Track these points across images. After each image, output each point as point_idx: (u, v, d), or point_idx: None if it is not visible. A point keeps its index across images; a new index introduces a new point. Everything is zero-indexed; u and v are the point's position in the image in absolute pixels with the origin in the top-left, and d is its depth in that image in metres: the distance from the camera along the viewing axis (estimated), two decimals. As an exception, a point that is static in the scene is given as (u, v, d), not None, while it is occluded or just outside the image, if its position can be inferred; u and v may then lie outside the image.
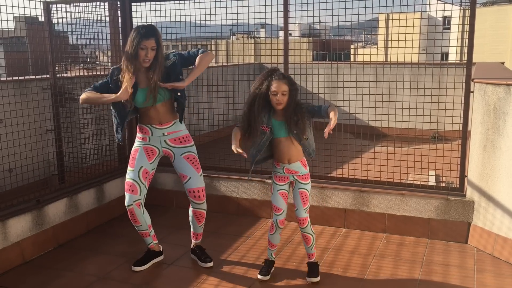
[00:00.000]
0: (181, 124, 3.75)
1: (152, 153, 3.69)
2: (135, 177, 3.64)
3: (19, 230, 3.97)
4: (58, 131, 4.70)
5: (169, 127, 3.67)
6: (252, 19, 5.08)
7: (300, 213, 3.52)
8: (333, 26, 5.59)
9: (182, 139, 3.72)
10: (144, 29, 3.42)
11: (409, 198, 4.44)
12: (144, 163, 3.66)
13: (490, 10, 30.35)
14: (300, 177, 3.51)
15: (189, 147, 3.74)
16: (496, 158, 3.97)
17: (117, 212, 5.08)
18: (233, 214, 5.08)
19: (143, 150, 3.68)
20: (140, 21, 5.36)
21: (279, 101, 3.31)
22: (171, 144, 3.69)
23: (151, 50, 3.43)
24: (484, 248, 4.11)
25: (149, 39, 3.40)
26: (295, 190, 3.53)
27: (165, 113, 3.64)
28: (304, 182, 3.52)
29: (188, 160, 3.70)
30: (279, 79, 3.32)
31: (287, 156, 3.44)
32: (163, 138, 3.67)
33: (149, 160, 3.68)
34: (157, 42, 3.45)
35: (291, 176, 3.51)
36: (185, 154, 3.70)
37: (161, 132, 3.65)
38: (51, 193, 4.44)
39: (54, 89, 4.66)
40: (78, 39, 5.25)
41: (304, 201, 3.51)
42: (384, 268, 3.83)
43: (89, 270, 3.86)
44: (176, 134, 3.70)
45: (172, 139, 3.69)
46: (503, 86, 3.87)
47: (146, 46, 3.41)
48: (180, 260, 4.02)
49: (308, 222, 3.54)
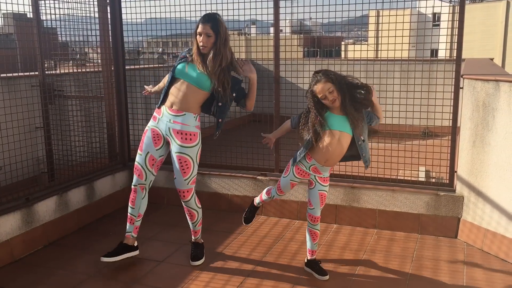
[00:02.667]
0: (193, 119, 3.61)
1: (158, 138, 3.66)
2: (142, 162, 3.71)
3: (8, 228, 3.94)
4: (47, 129, 4.66)
5: (177, 116, 3.58)
6: (243, 16, 5.07)
7: (316, 212, 3.58)
8: (324, 22, 5.59)
9: (186, 136, 3.59)
10: (204, 16, 3.51)
11: (399, 193, 4.46)
12: (150, 149, 3.67)
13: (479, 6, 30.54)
14: (321, 179, 3.53)
15: (187, 147, 3.59)
16: (485, 153, 4.00)
17: (108, 210, 5.06)
18: (225, 210, 5.08)
19: (151, 133, 3.68)
20: (129, 17, 5.33)
21: (332, 101, 3.27)
22: (173, 135, 3.60)
23: (206, 36, 3.46)
24: (473, 242, 4.15)
25: (204, 24, 3.46)
26: (315, 190, 3.53)
27: (185, 98, 3.55)
28: (324, 184, 3.54)
29: (179, 162, 3.62)
30: (318, 81, 3.29)
31: (327, 156, 3.38)
32: (168, 125, 3.61)
33: (156, 146, 3.67)
34: (214, 29, 3.46)
35: (313, 175, 3.51)
36: (178, 154, 3.60)
37: (169, 118, 3.60)
38: (40, 191, 4.41)
39: (43, 86, 4.61)
40: (67, 36, 5.20)
41: (322, 202, 3.58)
42: (375, 264, 3.85)
43: (80, 268, 3.84)
44: (182, 127, 3.58)
45: (175, 131, 3.59)
46: (492, 82, 3.90)
47: (201, 32, 3.46)
48: (172, 257, 4.02)
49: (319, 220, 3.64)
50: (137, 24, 5.37)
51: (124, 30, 5.37)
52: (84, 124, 5.31)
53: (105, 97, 5.27)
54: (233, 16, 5.03)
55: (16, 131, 4.26)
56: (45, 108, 4.63)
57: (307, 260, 3.71)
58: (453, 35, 4.35)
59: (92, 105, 5.38)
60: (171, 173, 5.20)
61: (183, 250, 4.12)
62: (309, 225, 3.64)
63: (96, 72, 5.41)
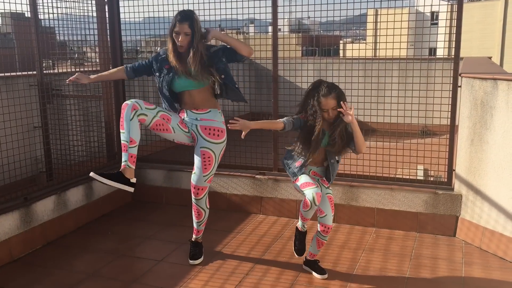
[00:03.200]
0: (219, 115, 3.65)
1: (184, 126, 3.61)
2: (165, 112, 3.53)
3: (6, 228, 3.93)
4: (45, 128, 4.66)
5: (204, 114, 3.60)
6: (241, 15, 5.06)
7: (329, 220, 3.36)
8: (322, 21, 5.59)
9: (214, 131, 3.59)
10: (179, 14, 3.44)
11: (398, 192, 4.47)
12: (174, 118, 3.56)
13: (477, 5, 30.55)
14: (324, 181, 3.48)
15: (214, 143, 3.60)
16: (484, 152, 4.01)
17: (106, 209, 5.06)
18: (223, 210, 5.08)
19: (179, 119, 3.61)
20: (127, 17, 5.32)
21: (330, 117, 3.28)
22: (201, 132, 3.59)
23: (185, 35, 3.41)
24: (472, 241, 4.16)
25: (182, 23, 3.39)
26: (322, 195, 3.39)
27: (201, 100, 3.58)
28: (327, 186, 3.47)
29: (202, 156, 3.59)
30: (326, 95, 3.24)
31: (316, 159, 3.42)
32: (196, 123, 3.60)
33: (182, 126, 3.58)
34: (192, 27, 3.40)
35: (317, 178, 3.47)
36: (203, 149, 3.59)
37: (195, 116, 3.60)
38: (39, 190, 4.41)
39: (41, 85, 4.61)
40: (65, 35, 5.20)
41: (332, 207, 3.40)
42: (374, 262, 3.85)
43: (79, 268, 3.84)
44: (210, 123, 3.59)
45: (203, 127, 3.59)
46: (490, 81, 3.90)
47: (179, 31, 3.40)
48: (170, 256, 4.02)
49: None
50: (135, 23, 5.37)
51: (122, 29, 5.36)
52: (82, 124, 5.31)
53: (104, 97, 5.27)
54: (231, 15, 5.03)
55: (14, 131, 4.25)
56: (43, 108, 4.63)
57: (306, 260, 3.70)
58: (451, 34, 4.35)
59: (90, 105, 5.38)
60: (170, 173, 5.24)
61: (182, 249, 4.12)
62: (320, 236, 3.44)
63: (95, 71, 5.40)
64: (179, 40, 3.42)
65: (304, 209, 3.37)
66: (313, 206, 3.24)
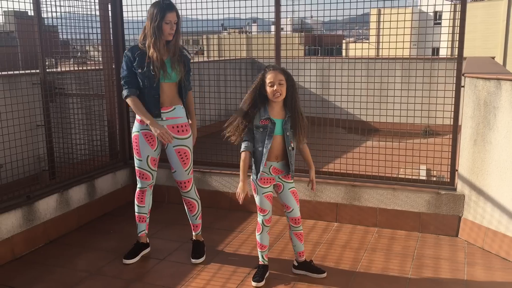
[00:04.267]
0: (181, 111, 3.72)
1: (152, 139, 3.70)
2: (145, 166, 3.74)
3: (9, 226, 3.94)
4: (48, 127, 4.66)
5: (168, 112, 3.65)
6: (244, 14, 5.06)
7: (296, 213, 3.45)
8: (325, 21, 5.58)
9: (180, 128, 3.69)
10: (165, 2, 3.45)
11: (400, 192, 4.46)
12: (149, 152, 3.72)
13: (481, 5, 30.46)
14: (285, 177, 3.41)
15: (184, 139, 3.72)
16: (487, 152, 4.00)
17: (108, 208, 5.06)
18: (225, 209, 5.08)
19: (143, 137, 3.68)
20: (131, 15, 5.32)
21: (277, 91, 3.18)
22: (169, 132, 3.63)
23: (174, 23, 3.47)
24: (474, 241, 4.15)
25: (172, 12, 3.44)
26: (285, 191, 3.41)
27: (170, 95, 3.63)
28: (290, 181, 3.42)
29: (178, 154, 3.72)
30: (274, 69, 3.25)
31: (277, 152, 3.32)
32: (162, 123, 3.64)
33: (152, 147, 3.72)
34: (177, 15, 3.50)
35: (277, 177, 3.40)
36: (177, 147, 3.70)
37: (162, 116, 3.64)
38: (41, 188, 4.42)
39: (44, 84, 4.61)
40: (68, 34, 5.20)
41: (297, 199, 3.46)
42: (376, 262, 3.85)
43: (81, 266, 3.85)
44: (175, 121, 3.67)
45: (170, 126, 3.66)
46: (494, 81, 3.89)
47: (170, 20, 3.44)
48: (172, 255, 4.02)
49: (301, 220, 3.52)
50: (138, 22, 5.36)
51: (125, 28, 5.36)
52: (85, 122, 5.31)
53: (106, 95, 5.27)
54: (234, 14, 5.03)
55: (17, 129, 4.26)
56: (46, 106, 4.64)
57: (298, 263, 3.62)
58: (455, 34, 4.34)
59: (93, 103, 5.38)
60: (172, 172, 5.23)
61: (184, 248, 4.13)
62: (293, 229, 3.49)
63: (97, 70, 5.40)
64: (171, 28, 3.47)
65: (257, 233, 3.54)
66: (264, 228, 3.49)
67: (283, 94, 3.23)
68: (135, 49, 3.59)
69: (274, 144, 3.30)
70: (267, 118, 3.26)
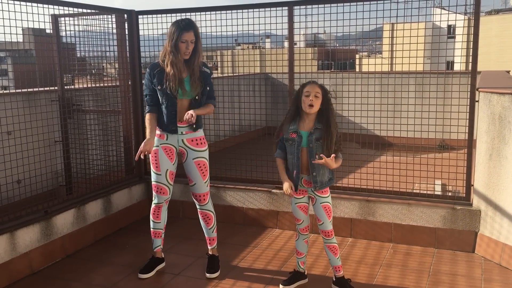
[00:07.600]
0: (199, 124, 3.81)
1: (171, 152, 3.77)
2: (163, 180, 3.80)
3: (27, 241, 4.00)
4: (66, 142, 4.75)
5: (186, 126, 3.72)
6: (258, 30, 5.12)
7: (326, 226, 3.44)
8: (338, 36, 5.62)
9: (199, 141, 3.79)
10: (183, 23, 3.56)
11: (415, 207, 4.43)
12: (168, 166, 3.78)
13: (495, 18, 30.32)
14: (318, 191, 3.39)
15: (202, 151, 3.80)
16: (502, 167, 3.97)
17: (124, 223, 5.11)
18: (240, 224, 5.09)
19: (163, 151, 3.75)
20: (146, 33, 5.42)
21: (312, 103, 3.26)
22: (188, 144, 3.75)
23: (190, 43, 3.56)
24: (491, 257, 4.10)
25: (189, 32, 3.54)
26: (317, 204, 3.41)
27: (188, 110, 3.64)
28: (324, 195, 3.41)
29: (198, 166, 3.78)
30: (313, 83, 3.35)
31: (306, 165, 3.35)
32: (181, 137, 3.74)
33: (171, 161, 3.79)
34: (196, 35, 3.59)
35: (309, 189, 3.40)
36: (197, 159, 3.77)
37: (179, 131, 3.72)
38: (59, 203, 4.48)
39: (62, 100, 4.71)
40: (86, 51, 5.31)
41: (329, 215, 3.43)
42: (391, 278, 3.82)
43: (97, 281, 3.88)
44: (193, 135, 3.77)
45: (189, 139, 3.76)
46: (508, 95, 3.88)
47: (187, 40, 3.54)
48: (187, 270, 4.03)
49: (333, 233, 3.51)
50: (154, 40, 5.46)
51: (141, 45, 5.46)
52: (101, 138, 5.39)
53: (122, 111, 5.35)
54: (248, 31, 5.09)
55: (36, 145, 4.34)
56: (64, 123, 4.72)
57: (336, 278, 3.59)
58: (468, 48, 4.34)
59: (109, 119, 5.47)
60: (187, 187, 5.27)
61: (199, 263, 4.14)
62: (325, 241, 3.51)
63: (114, 86, 5.50)
64: (187, 48, 3.56)
65: (296, 239, 3.68)
66: (300, 236, 3.62)
67: (316, 107, 3.29)
68: (156, 66, 3.69)
69: (302, 156, 3.36)
70: (295, 131, 3.35)
